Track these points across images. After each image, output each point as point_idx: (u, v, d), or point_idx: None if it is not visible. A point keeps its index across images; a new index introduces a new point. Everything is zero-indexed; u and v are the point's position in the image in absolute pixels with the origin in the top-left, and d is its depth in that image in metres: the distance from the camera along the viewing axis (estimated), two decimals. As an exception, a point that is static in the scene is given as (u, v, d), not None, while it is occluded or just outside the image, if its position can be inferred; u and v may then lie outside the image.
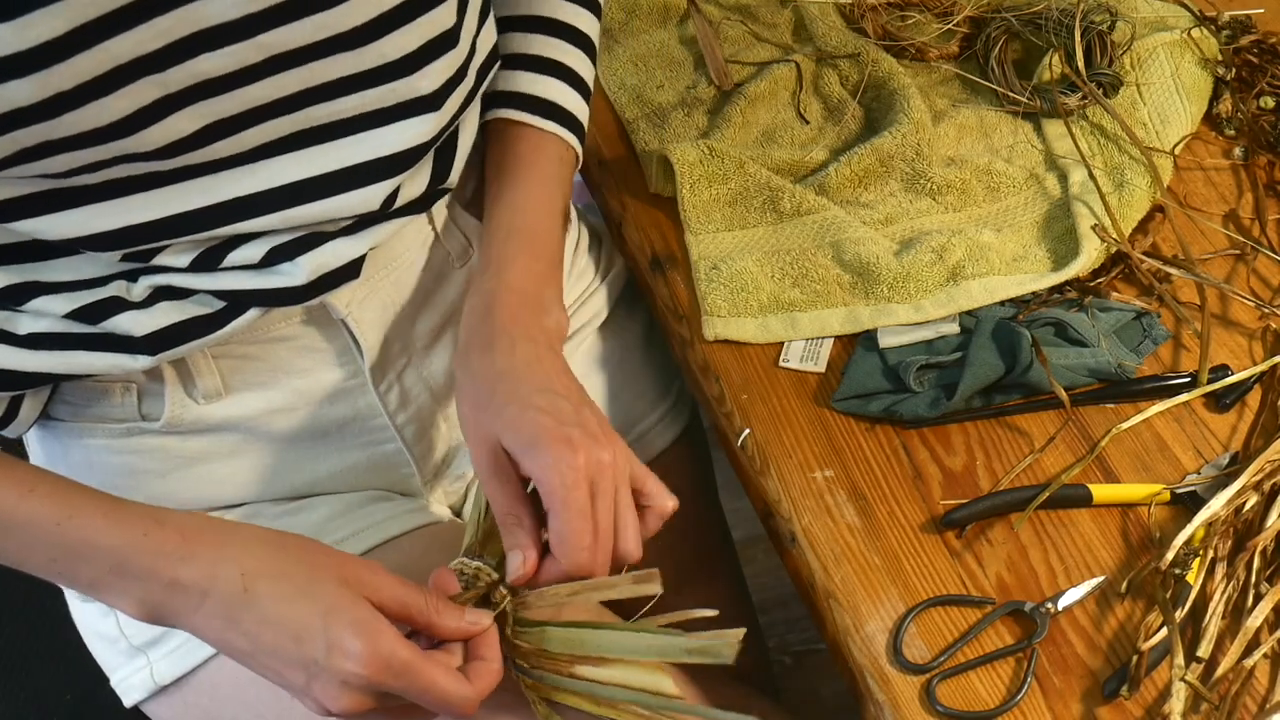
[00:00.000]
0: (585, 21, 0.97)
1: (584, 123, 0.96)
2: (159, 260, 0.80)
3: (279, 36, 0.73)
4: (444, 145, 0.88)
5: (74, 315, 0.81)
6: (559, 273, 0.91)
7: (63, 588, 0.98)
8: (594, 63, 0.98)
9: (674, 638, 0.76)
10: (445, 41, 0.80)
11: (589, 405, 0.83)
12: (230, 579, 0.74)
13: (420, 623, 0.76)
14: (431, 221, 0.94)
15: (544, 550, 0.80)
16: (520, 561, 0.79)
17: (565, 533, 0.77)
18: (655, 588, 0.78)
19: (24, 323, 0.82)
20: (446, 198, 0.94)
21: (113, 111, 0.70)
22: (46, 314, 0.82)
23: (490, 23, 0.89)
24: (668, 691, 0.77)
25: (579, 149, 0.95)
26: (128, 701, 0.94)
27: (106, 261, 0.81)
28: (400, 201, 0.85)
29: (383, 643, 0.72)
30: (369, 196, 0.82)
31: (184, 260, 0.80)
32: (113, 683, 0.95)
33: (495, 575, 0.81)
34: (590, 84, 0.97)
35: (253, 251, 0.81)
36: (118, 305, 0.82)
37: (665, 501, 0.83)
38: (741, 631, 0.74)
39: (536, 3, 0.96)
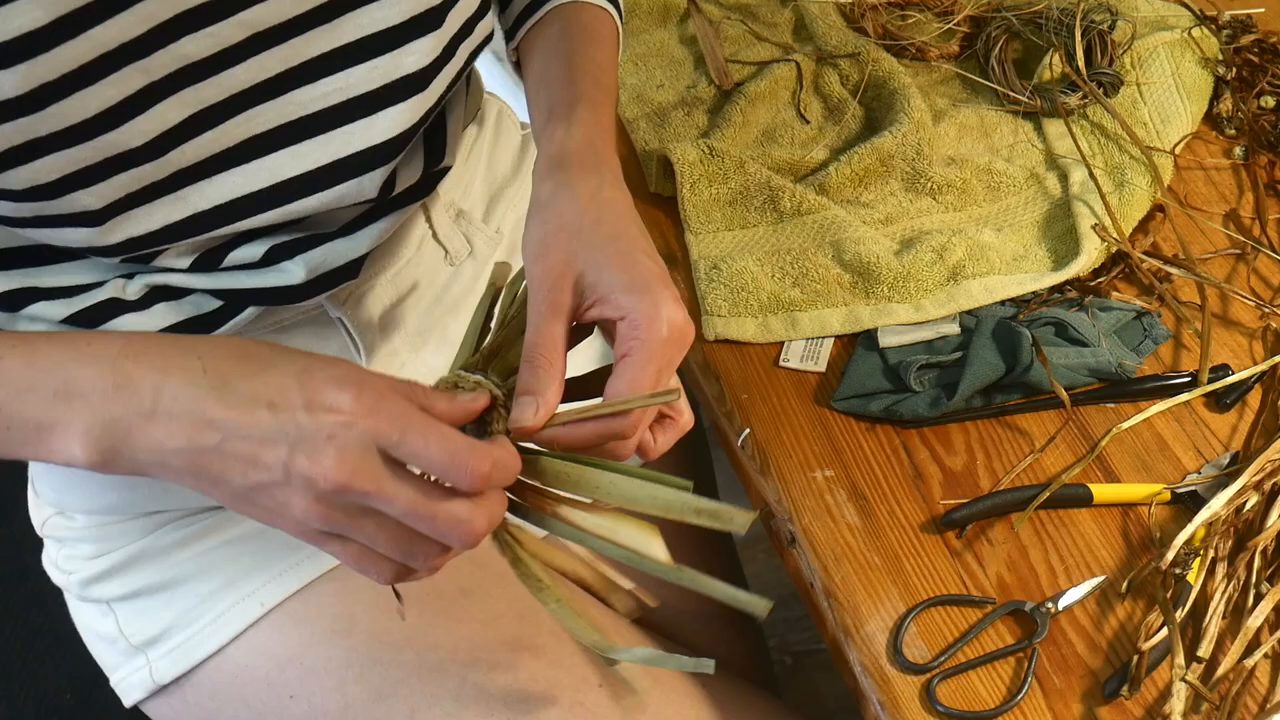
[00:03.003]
0: None
1: (623, 10, 0.94)
2: (160, 261, 0.80)
3: (259, 14, 0.73)
4: (433, 127, 0.88)
5: (72, 320, 0.81)
6: None
7: (62, 587, 0.98)
8: None
9: (683, 494, 0.66)
10: (431, 18, 0.80)
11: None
12: (187, 365, 0.65)
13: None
14: (429, 221, 0.94)
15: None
16: (534, 410, 0.69)
17: (639, 385, 0.69)
18: (675, 396, 0.68)
19: (22, 326, 0.82)
20: (442, 199, 0.94)
21: (99, 101, 0.70)
22: (44, 319, 0.82)
23: (491, 12, 0.89)
24: (657, 556, 0.67)
25: (621, 31, 0.93)
26: (127, 701, 0.94)
27: (106, 265, 0.81)
28: (399, 188, 0.85)
29: (369, 386, 0.63)
30: (365, 185, 0.82)
31: (185, 261, 0.81)
32: (112, 682, 0.95)
33: (500, 393, 0.70)
34: None
35: (252, 251, 0.81)
36: (115, 308, 0.82)
37: (685, 416, 0.76)
38: (754, 514, 0.66)
39: None
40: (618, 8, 0.93)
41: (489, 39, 0.90)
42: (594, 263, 0.72)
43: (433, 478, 0.64)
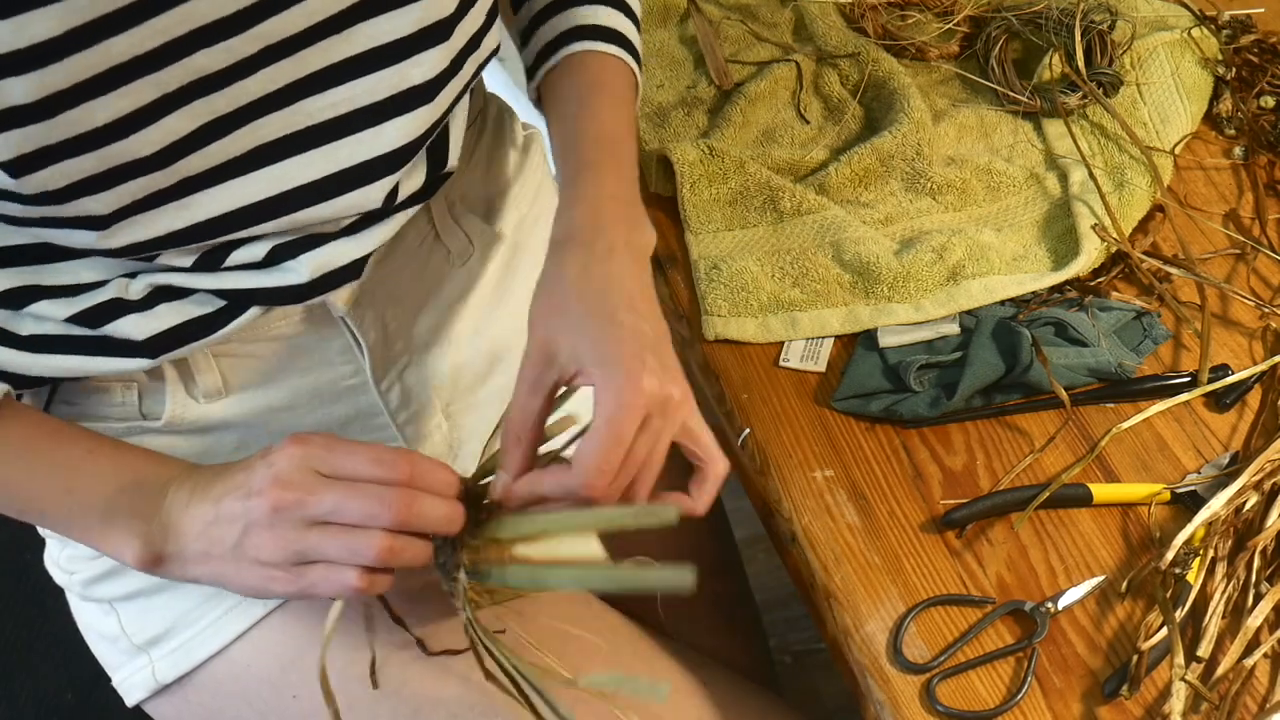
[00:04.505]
0: None
1: (639, 51, 0.94)
2: (162, 259, 0.80)
3: (273, 26, 0.73)
4: (437, 137, 0.88)
5: (74, 319, 0.81)
6: (638, 190, 0.88)
7: (64, 586, 0.98)
8: None
9: (620, 507, 0.74)
10: (440, 30, 0.80)
11: (668, 337, 0.80)
12: (176, 465, 0.79)
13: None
14: (431, 222, 0.94)
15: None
16: (499, 486, 0.78)
17: (594, 454, 0.73)
18: (670, 516, 0.73)
19: (26, 325, 0.82)
20: (445, 200, 0.94)
21: (109, 112, 0.70)
22: (47, 318, 0.82)
23: (498, 23, 0.89)
24: (596, 555, 0.74)
25: (640, 78, 0.94)
26: (129, 701, 0.94)
27: (109, 264, 0.81)
28: (402, 196, 0.86)
29: (305, 432, 0.75)
30: (370, 195, 0.82)
31: (187, 260, 0.81)
32: (114, 682, 0.95)
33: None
34: (639, 17, 0.96)
35: (255, 251, 0.81)
36: (118, 308, 0.82)
37: (718, 463, 0.80)
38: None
39: None
40: (634, 53, 0.93)
41: (495, 52, 0.90)
42: (573, 337, 0.77)
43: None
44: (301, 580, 0.74)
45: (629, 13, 0.94)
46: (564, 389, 0.78)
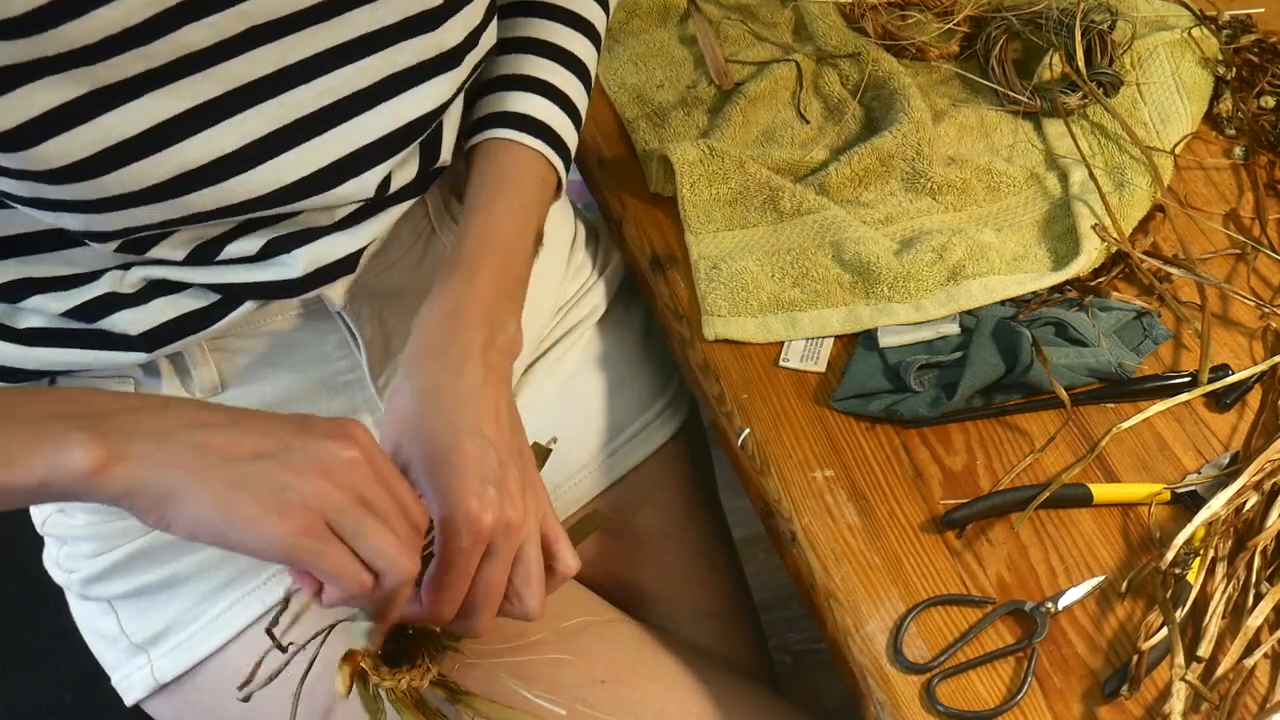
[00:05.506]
0: (580, 46, 0.95)
1: (571, 148, 0.93)
2: (155, 253, 0.80)
3: (259, 6, 0.73)
4: (430, 132, 0.88)
5: (70, 314, 0.82)
6: (522, 292, 0.88)
7: (63, 586, 0.98)
8: (588, 91, 0.96)
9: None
10: (428, 19, 0.80)
11: (517, 456, 0.80)
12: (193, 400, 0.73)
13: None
14: (428, 217, 0.94)
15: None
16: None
17: (438, 593, 0.75)
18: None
19: (22, 319, 0.82)
20: (440, 195, 0.94)
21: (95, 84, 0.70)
22: (43, 312, 0.82)
23: (493, 23, 0.89)
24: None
25: (562, 174, 0.93)
26: (128, 700, 0.94)
27: (103, 257, 0.81)
28: (394, 187, 0.86)
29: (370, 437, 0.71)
30: (365, 183, 0.82)
31: (180, 253, 0.81)
32: (113, 681, 0.95)
33: None
34: (583, 112, 0.95)
35: (249, 245, 0.81)
36: (113, 302, 0.82)
37: (569, 564, 0.81)
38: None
39: (531, 25, 0.94)
40: (561, 149, 0.92)
41: (492, 50, 0.90)
42: (417, 455, 0.77)
43: None
44: (323, 546, 0.66)
45: (566, 105, 0.94)
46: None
